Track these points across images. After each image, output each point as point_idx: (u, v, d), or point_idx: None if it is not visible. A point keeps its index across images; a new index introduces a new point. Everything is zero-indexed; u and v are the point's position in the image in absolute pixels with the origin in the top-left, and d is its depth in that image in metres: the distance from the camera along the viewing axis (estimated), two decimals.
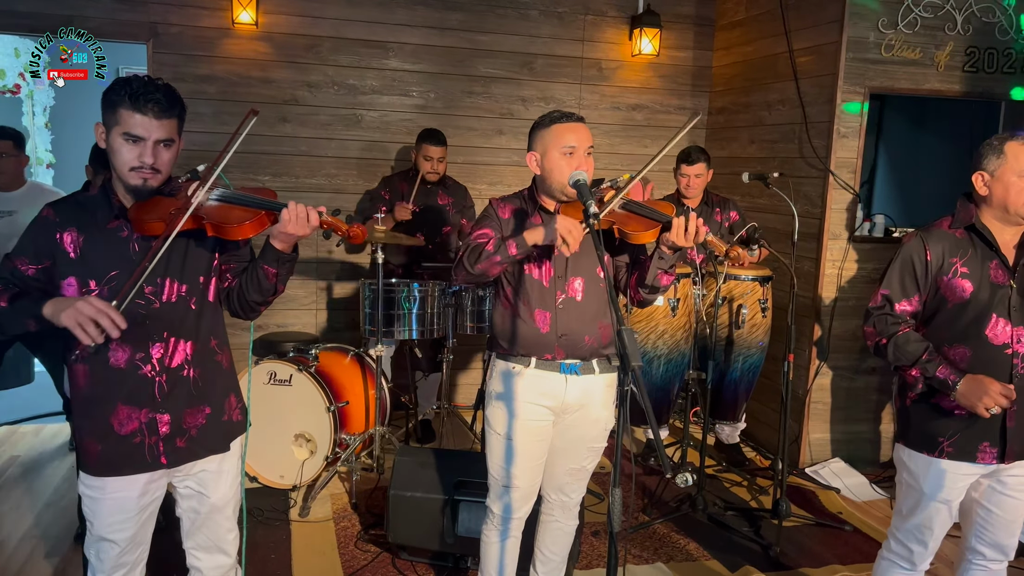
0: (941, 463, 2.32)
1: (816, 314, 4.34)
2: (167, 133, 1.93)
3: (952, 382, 2.23)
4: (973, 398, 2.19)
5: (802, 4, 4.44)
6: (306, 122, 4.81)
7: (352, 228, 2.04)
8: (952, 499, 2.35)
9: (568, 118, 2.35)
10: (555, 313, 2.38)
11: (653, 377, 3.99)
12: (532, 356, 2.40)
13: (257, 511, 3.62)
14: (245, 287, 2.07)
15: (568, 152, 2.32)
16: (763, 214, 4.70)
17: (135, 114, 1.88)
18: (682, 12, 5.29)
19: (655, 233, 2.27)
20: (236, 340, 4.85)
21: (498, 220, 2.44)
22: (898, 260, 2.36)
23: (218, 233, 1.98)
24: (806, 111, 4.39)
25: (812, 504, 3.99)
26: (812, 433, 4.44)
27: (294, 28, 4.70)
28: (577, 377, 2.41)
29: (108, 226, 1.99)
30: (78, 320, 1.77)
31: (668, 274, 2.33)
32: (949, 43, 4.22)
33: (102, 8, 4.40)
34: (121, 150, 1.91)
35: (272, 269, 2.02)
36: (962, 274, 2.28)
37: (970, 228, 2.31)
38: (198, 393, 2.08)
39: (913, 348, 2.30)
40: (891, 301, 2.36)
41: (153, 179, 1.95)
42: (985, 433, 2.28)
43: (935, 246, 2.32)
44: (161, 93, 1.90)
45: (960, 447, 2.30)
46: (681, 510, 3.78)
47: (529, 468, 2.48)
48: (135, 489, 2.03)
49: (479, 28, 4.99)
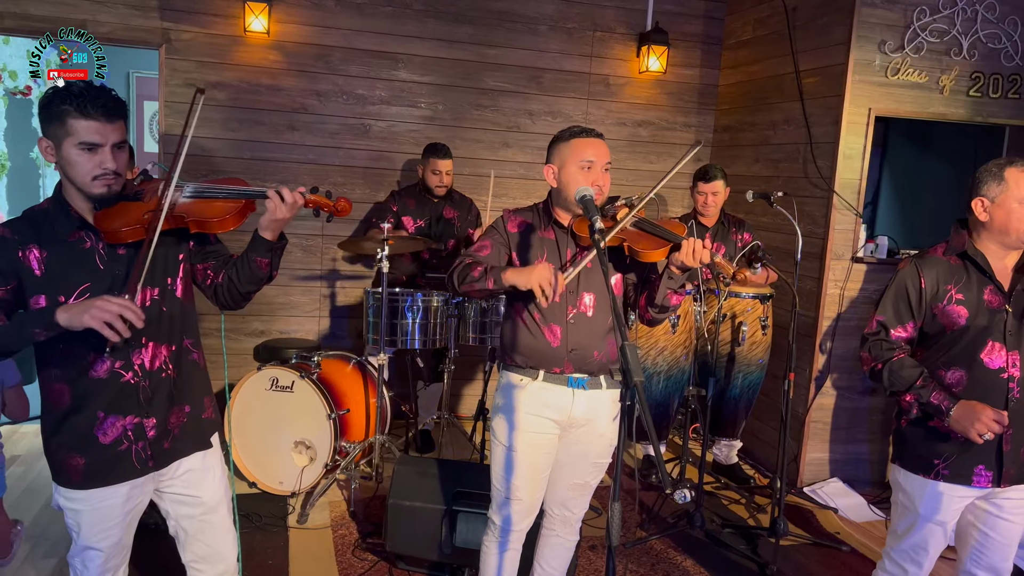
0: (937, 485, 2.34)
1: (817, 333, 4.35)
2: (121, 135, 1.92)
3: (946, 408, 2.26)
4: (966, 423, 2.22)
5: (809, 25, 4.48)
6: (314, 130, 4.85)
7: (338, 202, 2.06)
8: (947, 521, 2.36)
9: (588, 133, 2.40)
10: (566, 327, 2.40)
11: (653, 393, 4.00)
12: (540, 369, 2.42)
13: (255, 517, 3.62)
14: (237, 280, 2.07)
15: (586, 166, 2.35)
16: (767, 233, 4.72)
17: (87, 121, 1.86)
18: (690, 30, 5.33)
19: (665, 252, 2.29)
20: (239, 345, 4.91)
21: (504, 234, 2.47)
22: (893, 287, 2.39)
23: (201, 229, 1.98)
24: (811, 131, 4.42)
25: (810, 523, 4.00)
26: (811, 452, 4.45)
27: (305, 37, 4.74)
28: (584, 392, 2.42)
29: (69, 239, 1.96)
30: (104, 319, 1.77)
31: (678, 294, 2.35)
32: (955, 67, 4.25)
33: (116, 13, 4.45)
34: (79, 160, 1.89)
35: (265, 259, 2.04)
36: (957, 300, 2.31)
37: (963, 255, 2.33)
38: (178, 392, 2.10)
39: (908, 374, 2.32)
40: (886, 327, 2.39)
41: (116, 184, 1.94)
42: (981, 456, 2.29)
43: (929, 273, 2.34)
44: (108, 96, 1.89)
45: (956, 470, 2.31)
46: (679, 526, 3.78)
47: (532, 480, 2.48)
48: (120, 496, 2.03)
49: (488, 42, 5.03)
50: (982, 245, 2.33)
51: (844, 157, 4.23)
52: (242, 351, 4.89)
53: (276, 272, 2.10)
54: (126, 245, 1.99)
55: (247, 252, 2.05)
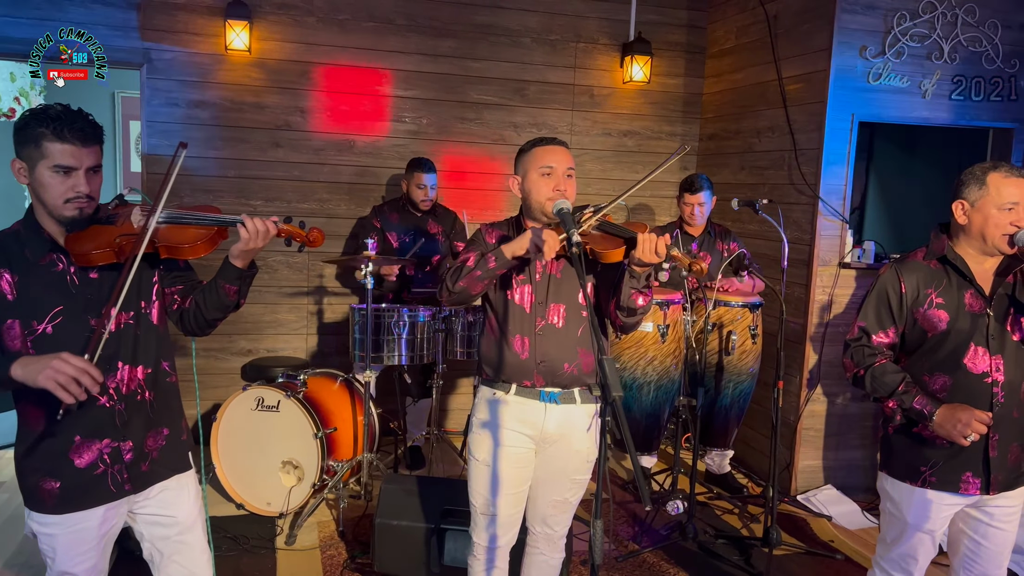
0: (925, 493, 2.31)
1: (807, 340, 4.33)
2: (96, 159, 1.92)
3: (928, 412, 2.24)
4: (949, 427, 2.20)
5: (791, 32, 4.48)
6: (299, 147, 4.83)
7: (310, 233, 2.05)
8: (936, 529, 2.34)
9: (548, 141, 2.40)
10: (534, 339, 2.38)
11: (643, 404, 3.97)
12: (513, 382, 2.40)
13: (243, 539, 3.58)
14: (203, 306, 2.05)
15: (546, 172, 2.35)
16: (753, 240, 4.71)
17: (63, 144, 1.85)
18: (673, 40, 5.34)
19: (622, 251, 2.26)
20: (226, 365, 4.88)
21: (485, 245, 2.46)
22: (874, 292, 2.37)
23: (172, 255, 1.97)
24: (795, 138, 4.42)
25: (803, 532, 3.97)
26: (804, 460, 4.42)
27: (287, 54, 4.73)
28: (557, 406, 2.40)
29: (41, 262, 1.94)
30: (58, 381, 1.72)
31: (643, 294, 2.29)
32: (936, 71, 4.26)
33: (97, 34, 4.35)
34: (52, 183, 1.88)
35: (234, 287, 2.02)
36: (937, 305, 2.29)
37: (942, 259, 2.32)
38: (155, 416, 2.07)
39: (890, 379, 2.30)
40: (868, 333, 2.37)
41: (88, 207, 1.93)
42: (968, 463, 2.27)
43: (910, 277, 2.33)
44: (84, 120, 1.88)
45: (943, 477, 2.29)
46: (671, 538, 3.75)
47: (510, 495, 2.45)
48: (95, 519, 2.00)
49: (471, 55, 5.03)
50: (962, 249, 2.32)
51: (828, 163, 4.23)
52: (229, 370, 4.85)
53: (244, 300, 2.09)
54: (99, 268, 1.97)
55: (216, 278, 2.03)
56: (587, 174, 5.33)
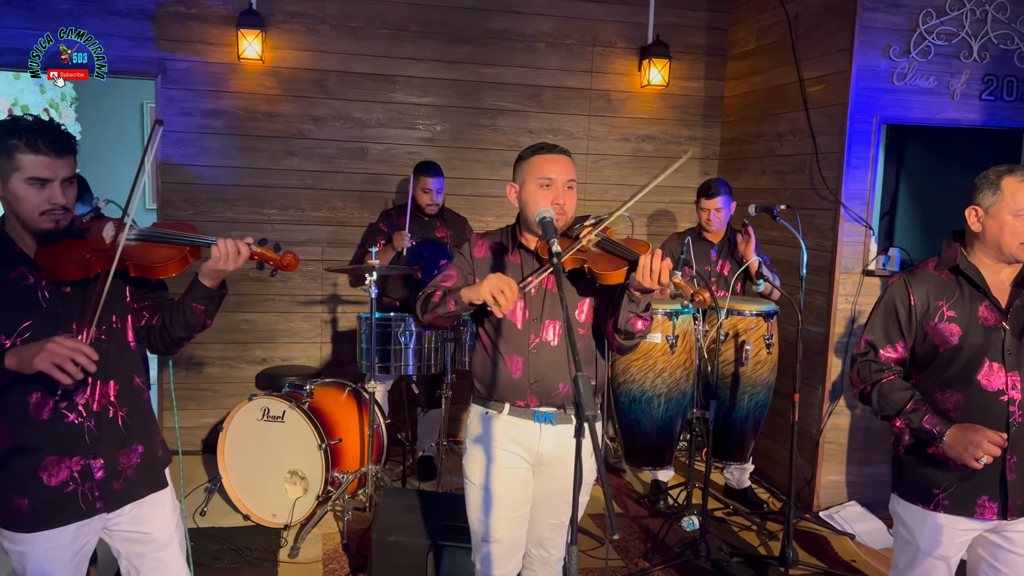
0: (937, 517, 2.18)
1: (829, 350, 4.18)
2: (70, 170, 1.89)
3: (938, 432, 2.10)
4: (960, 449, 2.06)
5: (812, 33, 4.34)
6: (312, 155, 4.82)
7: (284, 257, 2.00)
8: (950, 555, 2.20)
9: (549, 150, 2.26)
10: (527, 358, 2.26)
11: (653, 416, 3.86)
12: (506, 402, 2.30)
13: (246, 550, 3.55)
14: (169, 325, 2.01)
15: (545, 184, 2.21)
16: (774, 247, 4.56)
17: (37, 156, 1.82)
18: (692, 42, 5.22)
19: (623, 274, 2.12)
20: (241, 373, 4.87)
21: (470, 260, 2.35)
22: (881, 305, 2.25)
23: (142, 273, 1.93)
24: (816, 141, 4.27)
25: (824, 551, 3.81)
26: (826, 475, 4.26)
27: (300, 63, 4.72)
28: (552, 427, 2.28)
29: (11, 276, 1.91)
30: (54, 362, 1.73)
31: (642, 318, 2.17)
32: (965, 71, 4.08)
33: (113, 45, 4.46)
34: (27, 195, 1.85)
35: (201, 307, 1.98)
36: (949, 318, 2.15)
37: (954, 269, 2.18)
38: (128, 433, 2.03)
39: (897, 397, 2.17)
40: (875, 347, 2.24)
41: (64, 219, 1.90)
42: (984, 486, 2.13)
43: (919, 289, 2.19)
44: (57, 131, 1.86)
45: (957, 500, 2.15)
46: (684, 556, 3.63)
47: (509, 519, 2.34)
48: (66, 537, 1.97)
49: (486, 61, 4.97)
50: (976, 258, 2.18)
51: (851, 167, 4.08)
52: (244, 379, 4.85)
53: (211, 321, 2.04)
54: (72, 283, 1.94)
55: (184, 297, 1.99)
56: (605, 180, 5.23)
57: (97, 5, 4.39)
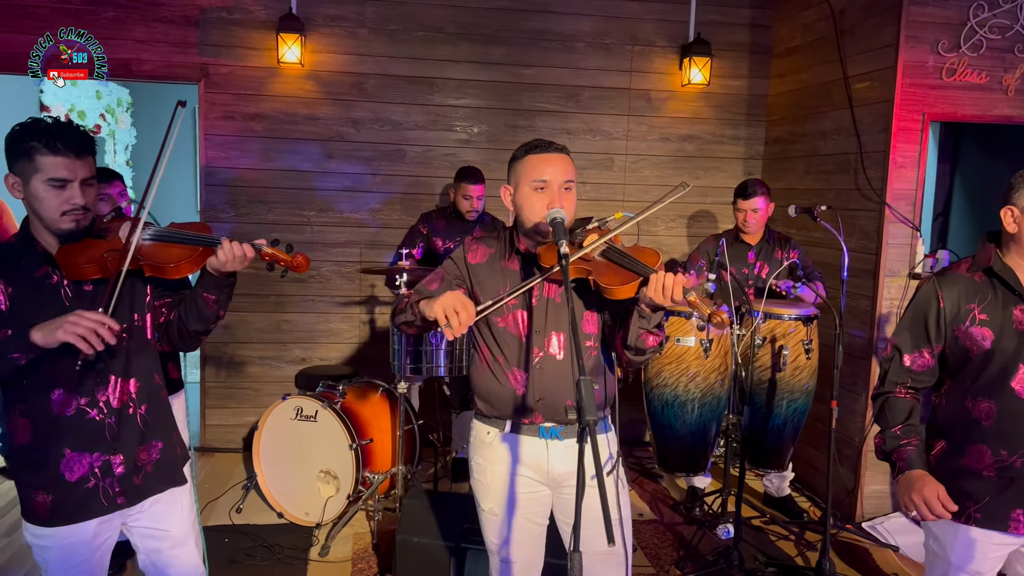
0: (969, 531, 2.08)
1: (873, 355, 4.04)
2: (90, 171, 1.92)
3: (899, 468, 2.10)
4: (905, 495, 2.07)
5: (857, 28, 4.21)
6: (351, 158, 4.86)
7: (295, 258, 2.00)
8: (984, 571, 2.10)
9: (543, 148, 2.09)
10: (531, 374, 2.10)
11: (687, 422, 3.78)
12: (508, 419, 2.15)
13: (277, 548, 3.59)
14: (184, 318, 2.03)
15: (539, 187, 2.06)
16: (818, 248, 4.44)
17: (56, 157, 1.86)
18: (735, 40, 5.12)
19: (633, 288, 1.94)
20: (280, 373, 4.95)
21: (462, 266, 2.21)
22: (910, 308, 2.16)
23: (156, 273, 1.96)
24: (861, 140, 4.14)
25: (864, 563, 3.68)
26: (870, 484, 4.12)
27: (339, 66, 4.77)
28: (559, 442, 2.12)
29: (35, 275, 1.95)
30: (78, 332, 1.77)
31: (654, 334, 2.00)
32: (1020, 65, 3.91)
33: (157, 52, 4.58)
34: (47, 196, 1.89)
35: (212, 296, 1.99)
36: (981, 321, 2.05)
37: (988, 271, 2.08)
38: (148, 429, 2.07)
39: (893, 416, 2.15)
40: (900, 352, 2.15)
41: (85, 219, 1.94)
42: (1019, 499, 2.03)
43: (949, 292, 2.09)
44: (76, 131, 1.89)
45: (989, 513, 2.05)
46: (716, 565, 3.54)
47: (523, 541, 2.22)
48: (87, 532, 2.01)
49: (523, 61, 4.95)
50: (1012, 260, 2.07)
51: (897, 166, 3.94)
52: (283, 378, 4.93)
53: (224, 312, 2.05)
54: (93, 282, 1.98)
55: (195, 288, 2.02)
56: (644, 180, 5.16)
57: (142, 12, 4.50)
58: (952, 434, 2.14)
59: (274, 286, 4.84)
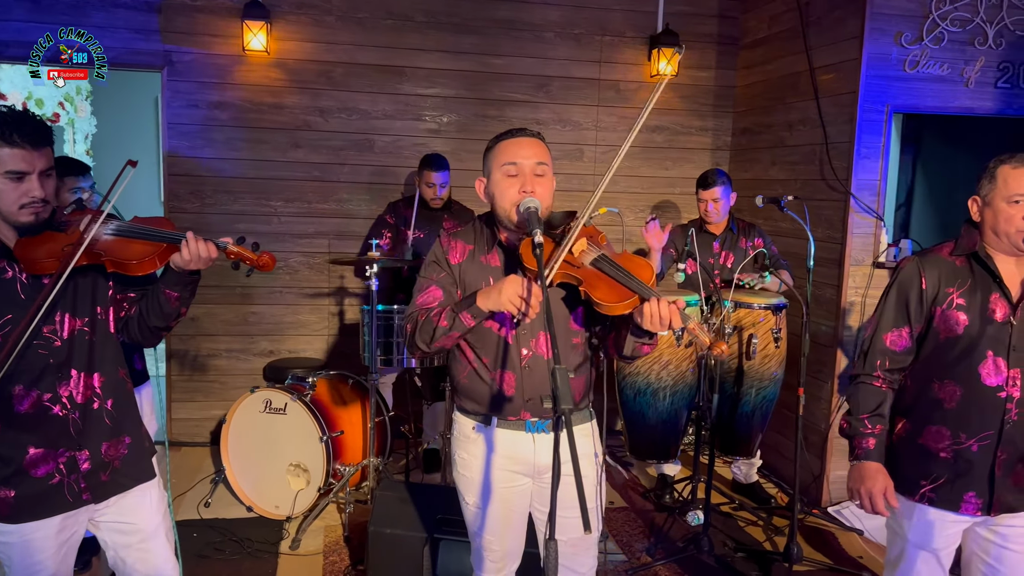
0: (925, 511, 2.14)
1: (838, 344, 4.11)
2: (48, 162, 1.88)
3: (858, 456, 2.17)
4: (854, 484, 2.16)
5: (823, 20, 4.26)
6: (318, 147, 4.81)
7: (260, 257, 1.97)
8: (940, 548, 2.15)
9: (515, 133, 2.05)
10: (521, 375, 2.08)
11: (658, 409, 3.81)
12: (494, 416, 2.13)
13: (247, 542, 3.56)
14: (146, 314, 2.00)
15: (511, 172, 2.01)
16: (785, 238, 4.49)
17: (12, 149, 1.81)
18: (703, 31, 5.15)
19: (630, 306, 1.88)
20: (248, 365, 4.88)
21: (447, 267, 2.13)
22: (893, 288, 2.18)
23: (118, 269, 1.91)
24: (827, 131, 4.19)
25: (830, 547, 3.75)
26: (835, 470, 4.19)
27: (306, 54, 4.71)
28: (546, 435, 2.12)
29: None
30: None
31: (649, 344, 1.99)
32: (980, 58, 3.98)
33: (119, 38, 4.47)
34: (5, 189, 1.84)
35: (174, 293, 1.96)
36: (958, 306, 2.09)
37: (973, 256, 2.12)
38: (115, 424, 2.03)
39: (864, 403, 2.19)
40: (880, 331, 2.19)
41: (44, 211, 1.89)
42: (972, 482, 2.10)
43: (931, 273, 2.13)
44: (33, 122, 1.84)
45: (943, 494, 2.12)
46: (687, 551, 3.59)
47: (507, 532, 2.24)
48: (52, 528, 1.97)
49: (493, 51, 4.93)
50: (990, 249, 2.12)
51: (861, 157, 4.00)
52: (251, 371, 4.87)
53: (186, 310, 2.02)
54: (51, 276, 1.93)
55: (157, 284, 1.98)
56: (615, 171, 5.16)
57: None
58: (915, 413, 2.19)
59: (241, 277, 4.75)
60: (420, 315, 2.05)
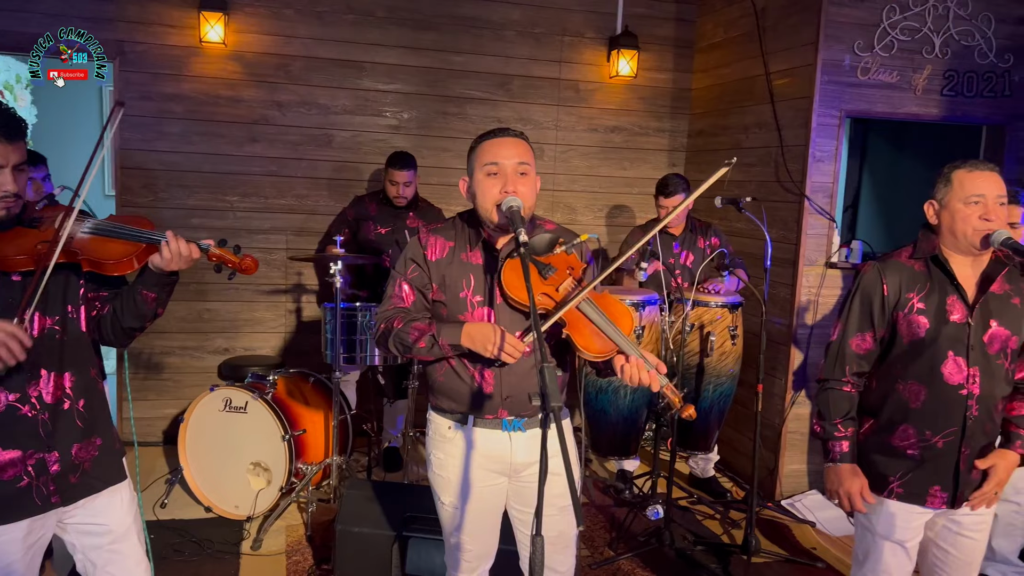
0: (892, 505, 2.22)
1: (792, 341, 4.23)
2: (21, 156, 1.83)
3: (833, 459, 2.25)
4: (832, 486, 2.26)
5: (779, 26, 4.37)
6: (276, 142, 4.74)
7: (243, 260, 1.95)
8: (907, 539, 2.24)
9: (497, 133, 2.06)
10: (498, 373, 2.08)
11: (619, 407, 3.87)
12: (470, 415, 2.13)
13: (207, 543, 3.50)
14: (120, 314, 1.96)
15: (492, 171, 2.01)
16: (740, 238, 4.60)
17: None
18: (661, 34, 5.23)
19: (609, 354, 1.95)
20: (202, 363, 4.79)
21: (424, 265, 2.12)
22: (857, 294, 2.26)
23: (95, 269, 1.87)
24: (782, 135, 4.31)
25: (785, 539, 3.86)
26: (788, 464, 4.31)
27: (264, 47, 4.63)
28: (522, 434, 2.14)
29: None
30: None
31: None
32: (927, 66, 4.14)
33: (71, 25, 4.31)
34: None
35: (151, 294, 1.92)
36: (919, 310, 2.18)
37: (933, 259, 2.20)
38: (86, 425, 1.98)
39: (836, 408, 2.26)
40: (846, 337, 2.26)
41: (16, 206, 1.84)
42: (937, 476, 2.19)
43: (892, 278, 2.22)
44: (6, 115, 1.79)
45: (909, 489, 2.21)
46: (648, 544, 3.65)
47: (479, 532, 2.24)
48: (19, 532, 1.91)
49: (454, 48, 4.92)
50: (946, 252, 2.21)
51: (815, 160, 4.12)
52: (206, 369, 4.77)
53: (162, 310, 1.98)
54: (22, 273, 1.88)
55: (134, 283, 1.94)
56: (574, 171, 5.23)
57: None
58: (881, 413, 2.27)
59: (195, 273, 4.66)
60: (396, 320, 2.06)
